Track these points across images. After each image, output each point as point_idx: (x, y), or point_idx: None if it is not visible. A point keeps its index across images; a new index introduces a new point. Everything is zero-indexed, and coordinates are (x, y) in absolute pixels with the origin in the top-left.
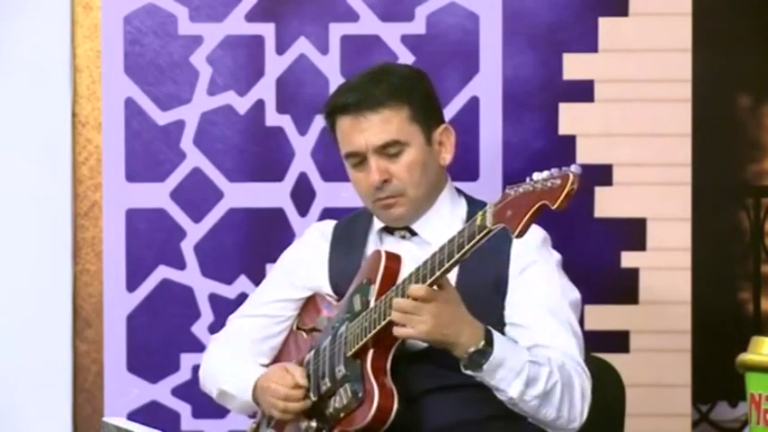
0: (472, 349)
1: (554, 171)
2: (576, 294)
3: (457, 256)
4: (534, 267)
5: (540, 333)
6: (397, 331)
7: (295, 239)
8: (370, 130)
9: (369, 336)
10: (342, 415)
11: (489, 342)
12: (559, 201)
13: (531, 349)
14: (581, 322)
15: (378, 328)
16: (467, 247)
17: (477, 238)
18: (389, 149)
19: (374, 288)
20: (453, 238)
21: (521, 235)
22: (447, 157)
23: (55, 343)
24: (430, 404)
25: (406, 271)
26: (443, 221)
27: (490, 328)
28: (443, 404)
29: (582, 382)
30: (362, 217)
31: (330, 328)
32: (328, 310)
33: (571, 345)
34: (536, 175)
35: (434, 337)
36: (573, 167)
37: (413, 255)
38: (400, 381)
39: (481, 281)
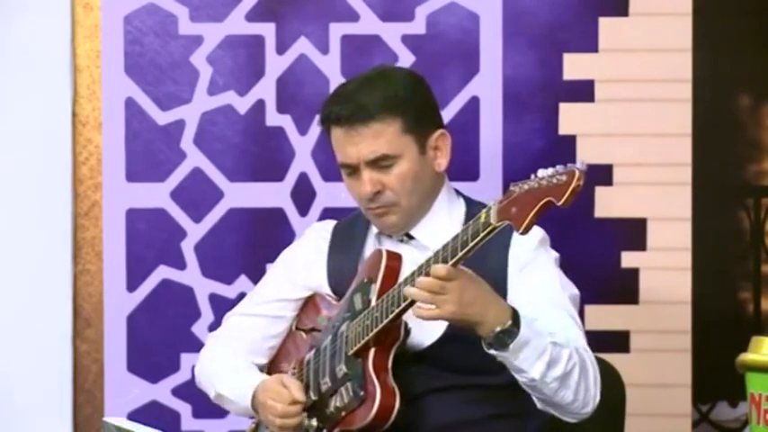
0: (498, 329)
1: (559, 168)
2: (574, 290)
3: (460, 254)
4: (533, 265)
5: (545, 323)
6: (420, 313)
7: (295, 239)
8: (361, 143)
9: (370, 334)
10: (343, 414)
11: (516, 322)
12: (565, 197)
13: None
14: (580, 321)
15: (380, 326)
16: (471, 245)
17: (482, 235)
18: (381, 162)
19: (375, 287)
20: (457, 235)
21: (526, 231)
22: (443, 162)
23: (55, 343)
24: (430, 404)
25: (406, 271)
26: (441, 225)
27: (515, 307)
28: (444, 404)
29: (594, 367)
30: (362, 218)
31: (330, 327)
32: (328, 310)
33: (577, 334)
34: (541, 172)
35: (460, 316)
36: (579, 164)
37: (411, 258)
38: (401, 381)
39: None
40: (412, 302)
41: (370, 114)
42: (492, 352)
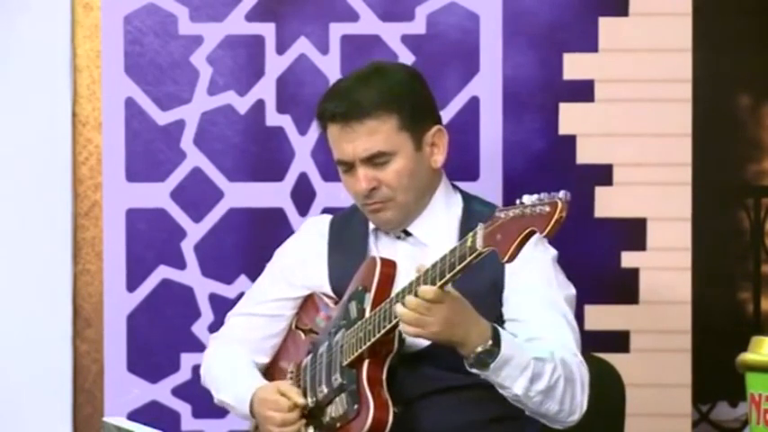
0: (479, 349)
1: (543, 196)
2: (571, 290)
3: (448, 276)
4: (530, 264)
5: (537, 326)
6: (406, 330)
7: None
8: (356, 140)
9: (364, 347)
10: (338, 425)
11: (497, 342)
12: (548, 229)
13: (530, 342)
14: (579, 321)
15: (373, 340)
16: (458, 268)
17: (468, 259)
18: (376, 159)
19: (369, 296)
20: (445, 256)
21: (510, 260)
22: (439, 158)
23: (55, 343)
24: (428, 407)
25: (401, 273)
26: (438, 221)
27: (497, 326)
28: (442, 407)
29: (581, 375)
30: (359, 213)
31: (327, 334)
32: (326, 311)
33: (568, 337)
34: (526, 199)
35: (442, 337)
36: (561, 194)
37: (408, 254)
38: (398, 384)
39: (479, 281)
40: None
41: (366, 111)
42: (474, 371)
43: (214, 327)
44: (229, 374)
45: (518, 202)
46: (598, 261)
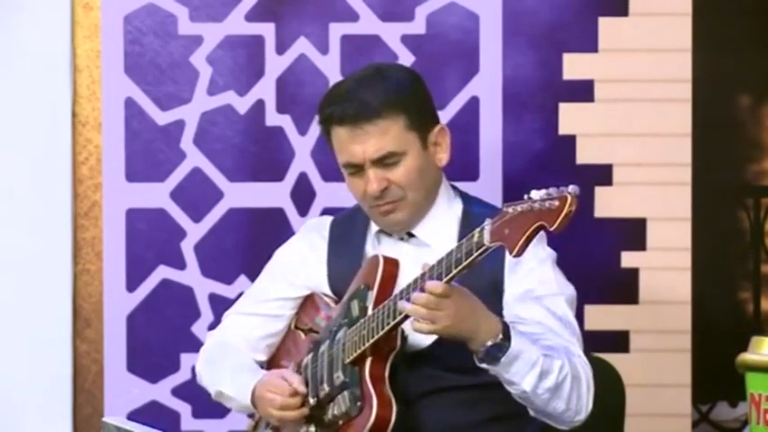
0: (490, 343)
1: (552, 191)
2: (571, 290)
3: (455, 271)
4: (529, 265)
5: (538, 328)
6: (416, 327)
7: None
8: (367, 142)
9: (367, 344)
10: (340, 423)
11: (507, 336)
12: (557, 223)
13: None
14: (579, 321)
15: (376, 337)
16: (464, 263)
17: (475, 254)
18: (387, 160)
19: (372, 294)
20: (451, 251)
21: (519, 255)
22: (443, 157)
23: (55, 343)
24: (431, 406)
25: (403, 274)
26: (440, 221)
27: (507, 321)
28: (444, 406)
29: (587, 374)
30: (361, 214)
31: (328, 332)
32: (326, 311)
33: (570, 338)
34: (534, 194)
35: (453, 331)
36: (571, 188)
37: (411, 256)
38: (398, 383)
39: (478, 283)
40: (407, 315)
41: (376, 112)
42: (483, 366)
43: (214, 327)
44: (230, 367)
45: (526, 197)
46: (598, 261)
